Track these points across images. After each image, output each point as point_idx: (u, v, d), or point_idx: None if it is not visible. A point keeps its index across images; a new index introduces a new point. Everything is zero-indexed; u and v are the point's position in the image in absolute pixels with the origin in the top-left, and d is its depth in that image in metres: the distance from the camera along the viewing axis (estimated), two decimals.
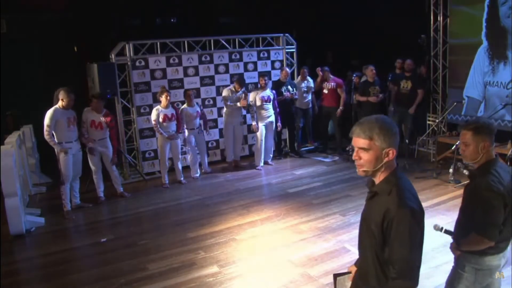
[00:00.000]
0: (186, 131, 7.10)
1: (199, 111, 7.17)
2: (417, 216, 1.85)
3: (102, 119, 6.10)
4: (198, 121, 7.17)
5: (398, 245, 1.83)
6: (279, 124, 7.73)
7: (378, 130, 1.86)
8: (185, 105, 7.06)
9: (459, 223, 2.64)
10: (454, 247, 2.60)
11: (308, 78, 8.37)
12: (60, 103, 5.66)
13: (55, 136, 5.64)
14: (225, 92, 7.43)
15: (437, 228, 2.75)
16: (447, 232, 2.71)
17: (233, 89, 7.40)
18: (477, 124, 2.45)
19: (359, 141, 1.90)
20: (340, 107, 8.15)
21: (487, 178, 2.39)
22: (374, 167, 1.91)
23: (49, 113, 5.60)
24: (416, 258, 1.89)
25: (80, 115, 6.06)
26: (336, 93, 8.23)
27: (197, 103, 7.27)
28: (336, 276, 2.21)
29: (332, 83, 8.22)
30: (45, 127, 5.57)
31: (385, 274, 1.93)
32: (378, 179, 1.95)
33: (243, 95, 7.35)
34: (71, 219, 5.80)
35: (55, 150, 5.69)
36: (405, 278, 1.85)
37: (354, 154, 1.94)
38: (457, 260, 2.62)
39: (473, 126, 2.44)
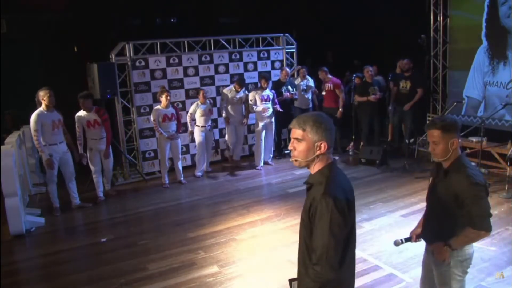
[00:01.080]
0: (197, 128, 7.15)
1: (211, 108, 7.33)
2: (339, 206, 1.88)
3: (96, 116, 6.10)
4: (210, 118, 7.28)
5: (319, 232, 1.89)
6: (277, 106, 7.59)
7: (312, 123, 1.97)
8: (198, 103, 7.07)
9: (437, 223, 2.59)
10: (444, 250, 2.50)
11: (308, 77, 8.35)
12: (43, 105, 5.57)
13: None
14: (225, 91, 7.45)
15: (398, 243, 2.75)
16: (407, 240, 2.75)
17: (234, 89, 7.41)
18: (444, 122, 2.44)
19: (294, 132, 2.02)
20: (340, 109, 8.11)
21: (466, 171, 2.39)
22: (306, 158, 2.00)
23: (33, 117, 5.49)
24: (338, 247, 1.90)
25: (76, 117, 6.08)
26: (335, 93, 8.18)
27: (209, 101, 7.35)
28: (291, 280, 2.28)
29: (330, 84, 8.16)
30: (33, 132, 5.51)
31: (311, 261, 1.99)
32: (313, 171, 2.03)
33: (244, 95, 7.41)
34: (55, 216, 5.86)
35: (41, 155, 5.65)
36: (323, 265, 1.88)
37: (290, 144, 2.06)
38: (436, 259, 2.57)
39: (441, 124, 2.43)
